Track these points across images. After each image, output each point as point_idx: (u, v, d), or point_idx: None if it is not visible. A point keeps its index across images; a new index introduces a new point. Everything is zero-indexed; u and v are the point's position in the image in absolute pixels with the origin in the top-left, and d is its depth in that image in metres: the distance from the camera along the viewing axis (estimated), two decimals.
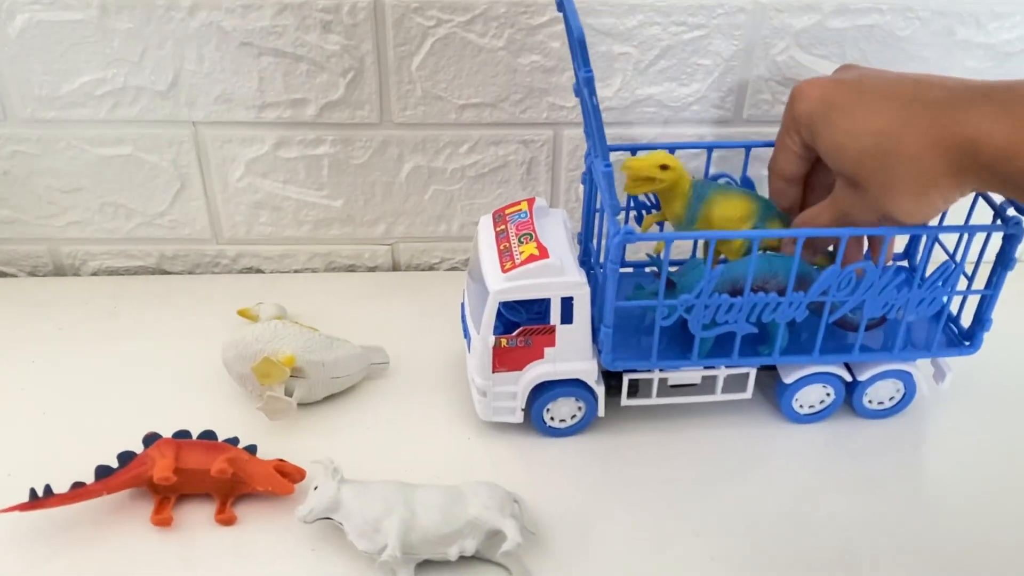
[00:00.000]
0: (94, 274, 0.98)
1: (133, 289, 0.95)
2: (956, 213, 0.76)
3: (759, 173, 0.80)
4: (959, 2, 0.83)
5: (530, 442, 0.76)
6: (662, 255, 0.70)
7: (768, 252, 0.74)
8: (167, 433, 0.71)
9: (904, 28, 0.84)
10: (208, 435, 0.71)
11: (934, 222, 0.69)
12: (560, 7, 0.70)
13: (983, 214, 0.73)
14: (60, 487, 0.68)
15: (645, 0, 0.83)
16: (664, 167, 0.72)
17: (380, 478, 0.68)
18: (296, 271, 0.98)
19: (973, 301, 0.75)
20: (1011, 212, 0.70)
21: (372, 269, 0.99)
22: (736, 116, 0.89)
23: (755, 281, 0.70)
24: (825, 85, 0.67)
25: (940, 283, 0.71)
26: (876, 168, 0.62)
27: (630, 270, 0.83)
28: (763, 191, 0.79)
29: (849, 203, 0.66)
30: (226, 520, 0.69)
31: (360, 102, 0.87)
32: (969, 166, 0.58)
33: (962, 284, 0.73)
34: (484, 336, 0.71)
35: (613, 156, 0.70)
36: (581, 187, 0.92)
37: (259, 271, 0.98)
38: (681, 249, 0.86)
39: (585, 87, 0.63)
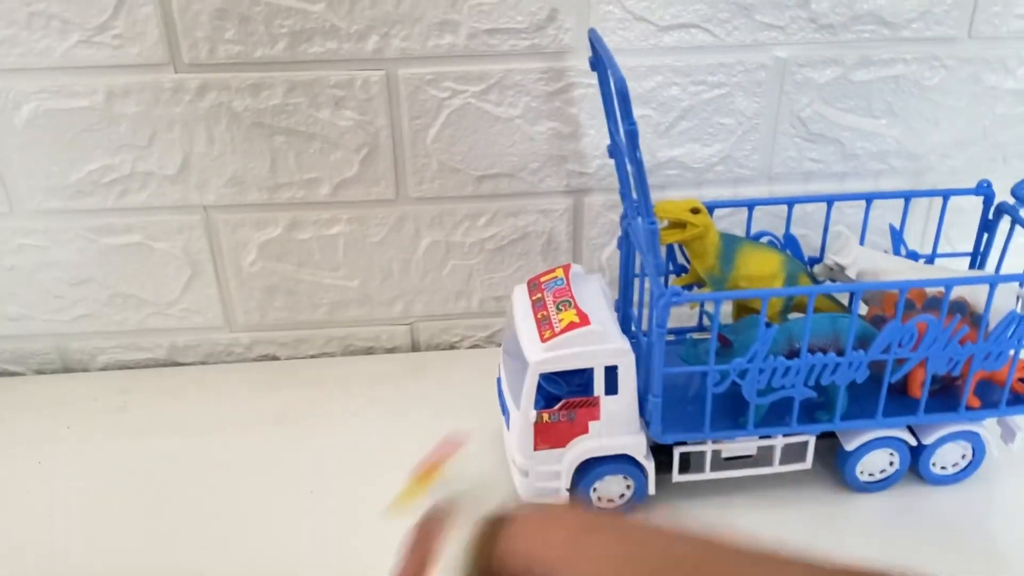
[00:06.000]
0: (103, 369, 0.88)
1: (144, 383, 0.85)
2: (1013, 260, 0.69)
3: (799, 232, 0.73)
4: (985, 48, 0.76)
5: None
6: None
7: (824, 312, 0.65)
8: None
9: (930, 77, 0.77)
10: None
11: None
12: (594, 66, 0.62)
13: None
14: None
15: (663, 61, 0.76)
16: (695, 211, 0.65)
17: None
18: (312, 356, 0.89)
19: None
20: None
21: (391, 350, 0.89)
22: (762, 175, 0.81)
23: (816, 343, 0.61)
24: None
25: (1007, 336, 0.62)
26: None
27: (671, 337, 0.73)
28: (808, 250, 0.72)
29: None
30: None
31: (375, 178, 0.79)
32: None
33: None
34: (524, 411, 0.61)
35: None
36: (605, 256, 0.84)
37: (274, 358, 0.88)
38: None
39: (628, 141, 0.55)
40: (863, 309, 0.70)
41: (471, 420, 0.75)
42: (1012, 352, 0.63)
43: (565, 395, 0.62)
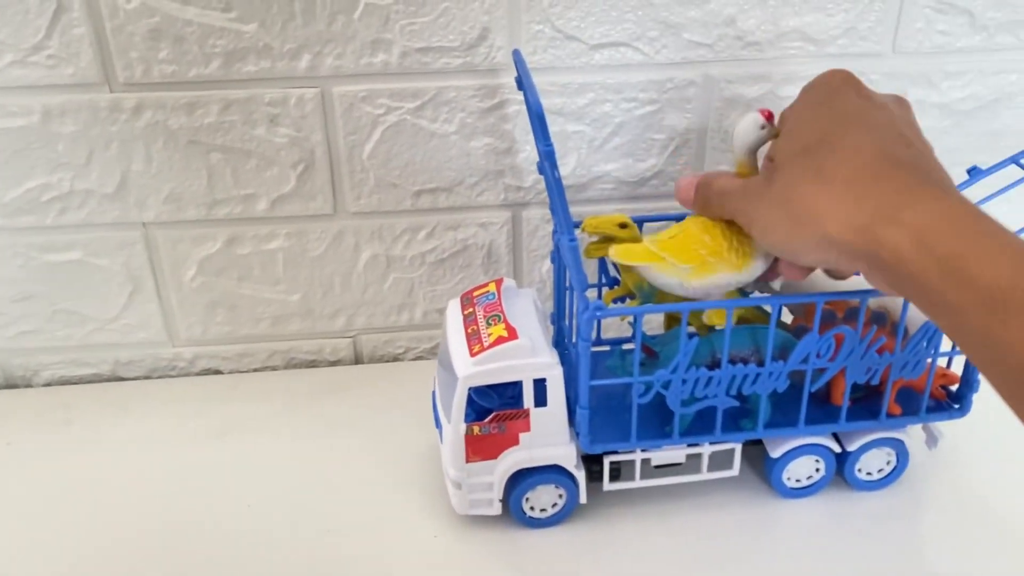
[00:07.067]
0: (47, 384, 0.88)
1: (88, 398, 0.85)
2: None
3: None
4: (909, 63, 0.78)
5: (510, 535, 0.67)
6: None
7: (745, 324, 0.67)
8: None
9: None
10: None
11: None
12: (520, 85, 0.63)
13: None
14: None
15: (594, 78, 0.77)
16: (623, 225, 0.65)
17: None
18: (256, 370, 0.89)
19: (959, 362, 0.67)
20: None
21: (334, 363, 0.90)
22: None
23: (737, 354, 0.62)
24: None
25: (924, 344, 0.63)
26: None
27: (606, 348, 0.74)
28: None
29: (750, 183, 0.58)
30: None
31: (312, 194, 0.80)
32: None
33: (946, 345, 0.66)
34: (455, 424, 0.62)
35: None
36: (545, 268, 0.86)
37: (217, 372, 0.89)
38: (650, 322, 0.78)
39: (546, 161, 0.56)
40: (791, 319, 0.71)
41: (416, 432, 0.77)
42: (929, 361, 0.65)
43: (497, 407, 0.63)
